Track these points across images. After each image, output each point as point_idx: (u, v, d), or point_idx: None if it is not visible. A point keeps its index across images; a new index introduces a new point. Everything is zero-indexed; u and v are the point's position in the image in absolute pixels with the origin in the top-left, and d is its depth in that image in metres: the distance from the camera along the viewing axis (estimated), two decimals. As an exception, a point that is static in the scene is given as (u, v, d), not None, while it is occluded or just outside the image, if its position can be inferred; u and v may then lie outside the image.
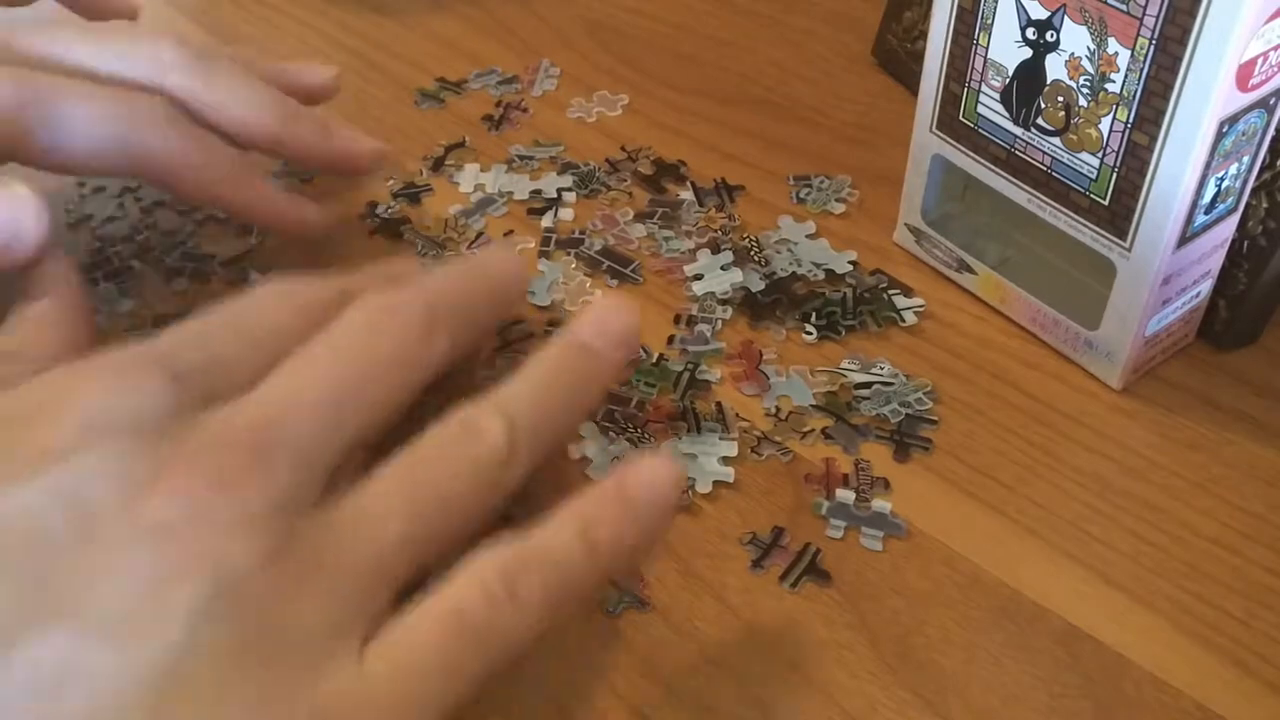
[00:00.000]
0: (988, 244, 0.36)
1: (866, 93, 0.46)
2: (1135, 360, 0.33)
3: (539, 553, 0.24)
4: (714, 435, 0.33)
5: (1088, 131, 0.31)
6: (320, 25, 0.51)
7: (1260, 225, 0.33)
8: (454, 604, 0.23)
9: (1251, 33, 0.27)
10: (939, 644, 0.28)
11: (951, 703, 0.27)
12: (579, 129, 0.45)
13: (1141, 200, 0.30)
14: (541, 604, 0.23)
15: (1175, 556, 0.30)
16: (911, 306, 0.37)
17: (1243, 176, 0.31)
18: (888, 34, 0.46)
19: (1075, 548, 0.30)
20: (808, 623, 0.29)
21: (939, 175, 0.37)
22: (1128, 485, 0.32)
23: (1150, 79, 0.29)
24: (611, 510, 0.25)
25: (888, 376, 0.34)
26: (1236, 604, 0.29)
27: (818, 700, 0.27)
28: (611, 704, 0.27)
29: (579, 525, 0.24)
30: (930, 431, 0.33)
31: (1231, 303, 0.34)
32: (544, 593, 0.23)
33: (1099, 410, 0.34)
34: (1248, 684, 0.27)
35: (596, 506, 0.25)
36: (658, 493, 0.25)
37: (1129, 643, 0.28)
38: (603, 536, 0.24)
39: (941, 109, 0.35)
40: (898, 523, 0.31)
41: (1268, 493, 0.31)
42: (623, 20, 0.51)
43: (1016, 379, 0.35)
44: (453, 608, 0.23)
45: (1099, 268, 0.33)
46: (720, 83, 0.47)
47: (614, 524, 0.25)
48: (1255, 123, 0.30)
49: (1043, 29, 0.31)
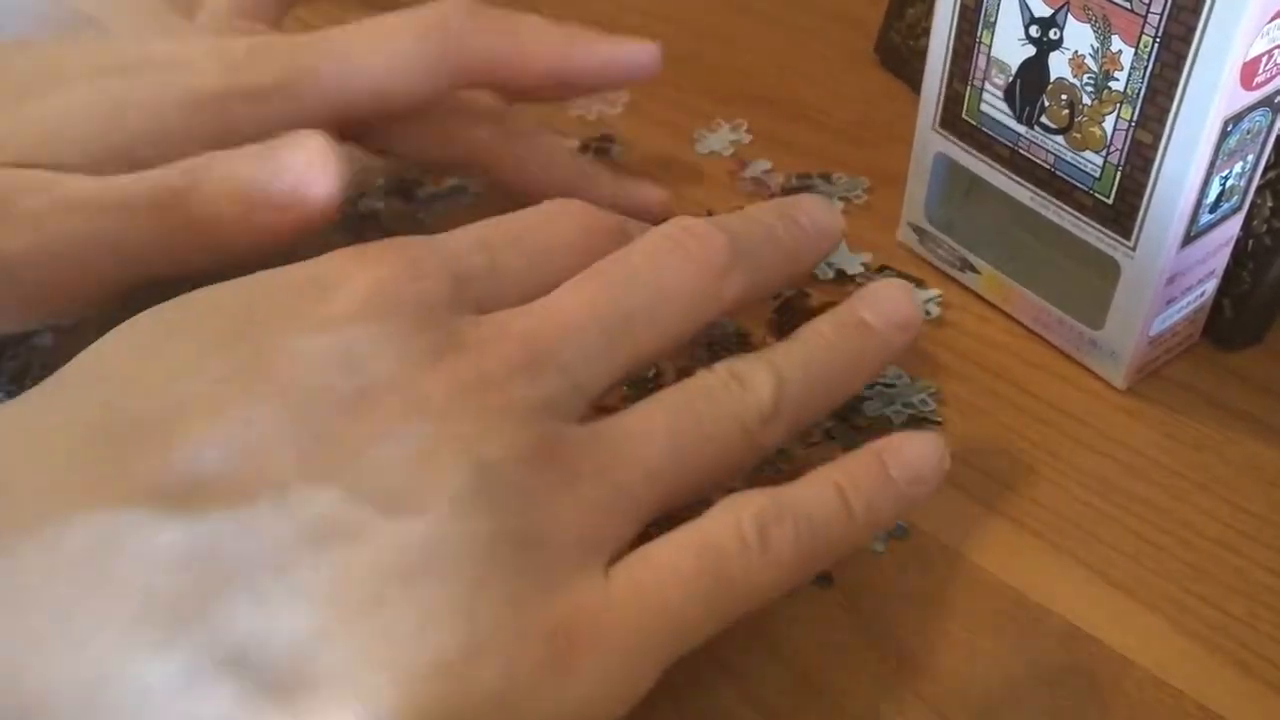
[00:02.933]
0: (991, 243, 0.36)
1: (869, 91, 0.46)
2: (1139, 360, 0.33)
3: (797, 505, 0.23)
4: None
5: (1091, 130, 0.31)
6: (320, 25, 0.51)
7: (1265, 224, 0.33)
8: (707, 539, 0.23)
9: (1256, 31, 0.27)
10: (940, 644, 0.28)
11: (952, 703, 0.27)
12: (578, 127, 0.45)
13: (1146, 199, 0.30)
14: (791, 558, 0.23)
15: (1178, 557, 0.30)
16: (930, 299, 0.36)
17: (1247, 175, 0.31)
18: (890, 32, 0.46)
19: (1078, 548, 0.30)
20: (808, 623, 0.28)
21: (942, 174, 0.37)
22: (1131, 485, 0.31)
23: (1154, 77, 0.29)
24: (874, 478, 0.25)
25: (891, 377, 0.34)
26: (1239, 605, 0.29)
27: (818, 701, 0.27)
28: (611, 704, 0.27)
29: (839, 487, 0.24)
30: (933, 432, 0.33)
31: (1236, 302, 0.34)
32: (795, 546, 0.23)
33: (1103, 410, 0.33)
34: (1249, 685, 0.27)
35: (861, 472, 0.25)
36: (923, 469, 0.25)
37: (1131, 643, 0.28)
38: (861, 503, 0.24)
39: (944, 107, 0.35)
40: (899, 523, 0.30)
41: (1271, 493, 0.31)
42: (623, 19, 0.51)
43: (1020, 379, 0.34)
44: (705, 542, 0.23)
45: (1103, 267, 0.32)
46: (722, 81, 0.47)
47: (874, 491, 0.24)
48: (1260, 121, 0.30)
49: (1046, 27, 0.31)
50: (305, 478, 0.20)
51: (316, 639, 0.19)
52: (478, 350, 0.23)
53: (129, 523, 0.19)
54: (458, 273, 0.24)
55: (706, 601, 0.22)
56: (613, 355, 0.24)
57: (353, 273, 0.23)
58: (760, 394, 0.25)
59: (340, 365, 0.22)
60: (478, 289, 0.24)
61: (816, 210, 0.29)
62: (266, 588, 0.19)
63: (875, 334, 0.27)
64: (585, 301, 0.24)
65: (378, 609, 0.19)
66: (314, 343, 0.22)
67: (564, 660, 0.20)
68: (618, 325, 0.24)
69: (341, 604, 0.19)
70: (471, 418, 0.22)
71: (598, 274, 0.25)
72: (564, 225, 0.27)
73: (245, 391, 0.21)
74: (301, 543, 0.20)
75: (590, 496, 0.22)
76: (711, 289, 0.26)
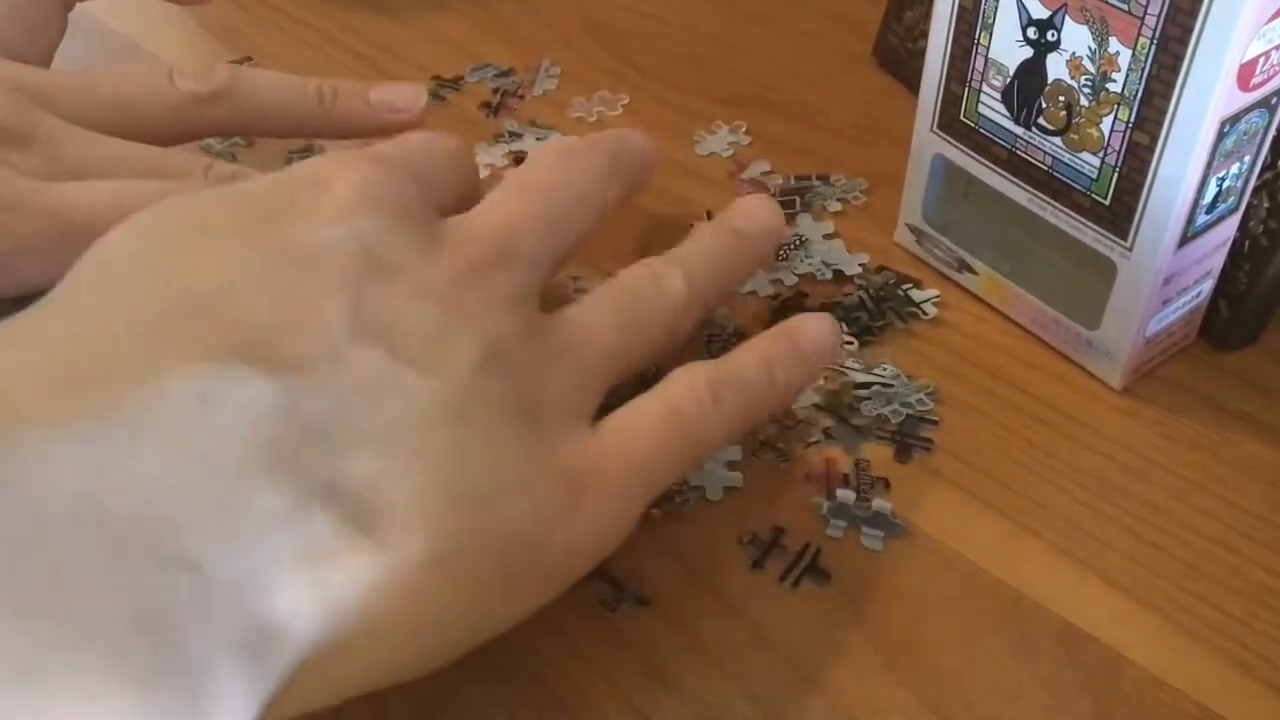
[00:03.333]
0: (988, 244, 0.36)
1: (867, 92, 0.46)
2: (1136, 360, 0.33)
3: (736, 373, 0.28)
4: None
5: (1089, 131, 0.31)
6: (320, 25, 0.51)
7: (1261, 225, 0.33)
8: (669, 402, 0.27)
9: (1253, 32, 0.27)
10: (939, 644, 0.28)
11: (951, 702, 0.27)
12: (579, 129, 0.45)
13: (1142, 200, 0.30)
14: (734, 415, 0.28)
15: (1176, 556, 0.30)
16: (928, 299, 0.37)
17: (1244, 176, 0.31)
18: (888, 34, 0.46)
19: (1076, 548, 0.30)
20: (808, 622, 0.29)
21: (940, 175, 0.37)
22: (1128, 485, 0.32)
23: (1151, 78, 0.29)
24: (787, 353, 0.29)
25: (889, 377, 0.34)
26: (1237, 604, 0.29)
27: (818, 700, 0.27)
28: (612, 703, 0.27)
29: (764, 359, 0.29)
30: (931, 432, 0.33)
31: (1232, 302, 0.34)
32: (735, 406, 0.28)
33: (1099, 410, 0.34)
34: (1248, 684, 0.27)
35: (775, 348, 0.29)
36: (822, 345, 0.30)
37: (1129, 642, 0.28)
38: (780, 374, 0.29)
39: (942, 109, 0.35)
40: (898, 523, 0.30)
41: (1268, 493, 0.31)
42: (623, 20, 0.51)
43: (1017, 379, 0.35)
44: (669, 405, 0.27)
45: (1100, 267, 0.32)
46: (721, 82, 0.47)
47: (789, 365, 0.29)
48: (1256, 122, 0.30)
49: (1044, 28, 0.31)
50: (353, 342, 0.23)
51: (383, 477, 0.22)
52: (456, 246, 0.26)
53: (221, 379, 0.21)
54: (418, 177, 0.28)
55: (675, 452, 0.27)
56: (554, 244, 0.29)
57: (339, 174, 0.26)
58: (676, 288, 0.29)
59: (357, 251, 0.25)
60: (432, 194, 0.28)
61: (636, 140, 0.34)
62: (339, 435, 0.22)
63: (750, 241, 0.33)
64: (524, 205, 0.28)
65: (428, 451, 0.23)
66: (330, 231, 0.25)
67: (574, 499, 0.25)
68: (553, 219, 0.29)
69: (399, 447, 0.23)
70: (470, 301, 0.25)
71: (525, 182, 0.29)
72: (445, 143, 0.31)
73: (285, 270, 0.24)
74: (360, 396, 0.23)
75: (569, 368, 0.26)
76: (600, 192, 0.31)
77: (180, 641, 0.19)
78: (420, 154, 0.30)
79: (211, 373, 0.21)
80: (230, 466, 0.21)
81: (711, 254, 0.31)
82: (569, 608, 0.29)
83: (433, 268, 0.25)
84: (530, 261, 0.27)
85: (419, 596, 0.22)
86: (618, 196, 0.31)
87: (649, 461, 0.26)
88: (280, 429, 0.21)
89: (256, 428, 0.21)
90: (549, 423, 0.25)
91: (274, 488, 0.21)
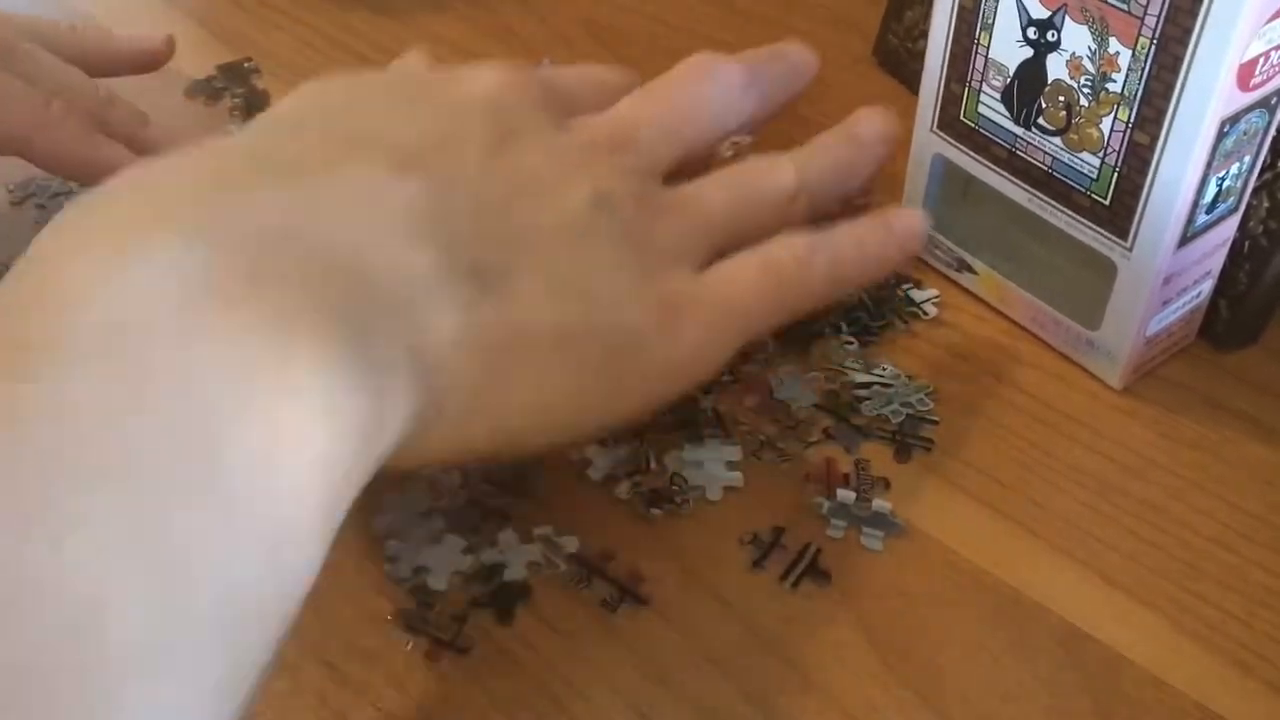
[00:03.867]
0: (988, 244, 0.36)
1: (867, 93, 0.46)
2: (1136, 360, 0.33)
3: (828, 241, 0.32)
4: (715, 441, 0.32)
5: (1089, 131, 0.31)
6: (320, 25, 0.51)
7: (1261, 225, 0.33)
8: (769, 256, 0.31)
9: (1252, 32, 0.27)
10: (939, 643, 0.28)
11: (951, 702, 0.27)
12: (579, 129, 0.45)
13: (1142, 200, 0.30)
14: (824, 278, 0.31)
15: (1175, 556, 0.30)
16: (928, 299, 0.37)
17: (1244, 176, 0.31)
18: (888, 34, 0.46)
19: (1075, 547, 0.30)
20: (808, 622, 0.29)
21: (940, 175, 0.37)
22: (1128, 485, 0.32)
23: (1151, 79, 0.29)
24: (880, 228, 0.33)
25: (889, 377, 0.34)
26: (1236, 603, 0.29)
27: (818, 700, 0.27)
28: (612, 702, 0.27)
29: (857, 233, 0.32)
30: (931, 431, 0.33)
31: (1232, 302, 0.34)
32: (826, 270, 0.31)
33: (1099, 410, 0.34)
34: (1247, 684, 0.27)
35: (870, 223, 0.33)
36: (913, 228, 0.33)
37: (1129, 642, 0.28)
38: (871, 247, 0.33)
39: (942, 109, 0.35)
40: (898, 522, 0.30)
41: (1268, 492, 0.31)
42: (623, 20, 0.51)
43: (1017, 379, 0.35)
44: (768, 258, 0.31)
45: (1100, 267, 0.32)
46: (721, 82, 0.47)
47: (881, 240, 0.33)
48: (1256, 123, 0.30)
49: (1044, 29, 0.31)
50: (486, 170, 0.28)
51: (516, 268, 0.26)
52: (579, 129, 0.31)
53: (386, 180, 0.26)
54: (549, 88, 0.32)
55: (768, 300, 0.30)
56: (672, 142, 0.32)
57: (478, 72, 0.30)
58: (787, 179, 0.33)
59: (494, 111, 0.29)
60: (563, 101, 0.32)
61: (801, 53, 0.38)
62: (484, 227, 0.26)
63: (864, 147, 0.35)
64: (645, 107, 0.33)
65: (555, 256, 0.27)
66: (471, 101, 0.29)
67: (673, 322, 0.29)
68: (672, 121, 0.33)
69: (528, 248, 0.27)
70: (590, 164, 0.30)
71: (647, 89, 0.34)
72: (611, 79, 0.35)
73: (436, 116, 0.29)
74: (493, 207, 0.27)
75: (677, 220, 0.30)
76: (736, 100, 0.34)
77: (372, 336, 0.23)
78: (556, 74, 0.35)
79: (378, 174, 0.26)
80: (396, 239, 0.25)
81: (825, 154, 0.35)
82: (569, 607, 0.29)
83: (562, 137, 0.30)
84: (647, 153, 0.31)
85: (540, 362, 0.26)
86: (758, 105, 0.35)
87: (744, 306, 0.30)
88: (430, 220, 0.25)
89: (410, 214, 0.25)
90: (656, 260, 0.29)
91: (429, 258, 0.25)
